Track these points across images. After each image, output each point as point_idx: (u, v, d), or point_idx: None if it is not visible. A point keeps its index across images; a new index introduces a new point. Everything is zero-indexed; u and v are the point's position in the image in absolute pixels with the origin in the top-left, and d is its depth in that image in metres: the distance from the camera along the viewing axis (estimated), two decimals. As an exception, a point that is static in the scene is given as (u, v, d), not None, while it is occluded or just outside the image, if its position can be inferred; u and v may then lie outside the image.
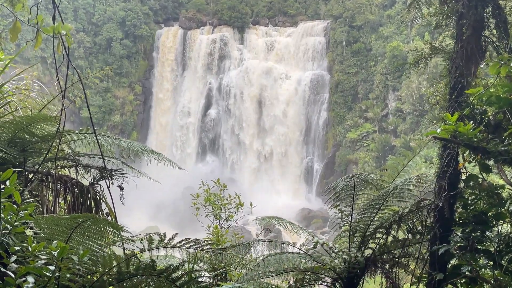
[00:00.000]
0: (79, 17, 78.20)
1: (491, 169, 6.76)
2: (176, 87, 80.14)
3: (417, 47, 7.51)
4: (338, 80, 71.90)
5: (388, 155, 63.44)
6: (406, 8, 29.66)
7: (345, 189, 7.24)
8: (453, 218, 7.26)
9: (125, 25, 78.86)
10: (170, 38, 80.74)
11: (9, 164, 6.74)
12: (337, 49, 73.13)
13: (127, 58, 78.90)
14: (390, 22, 69.44)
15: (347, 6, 72.64)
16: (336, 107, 72.29)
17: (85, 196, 8.48)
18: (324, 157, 72.73)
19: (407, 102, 63.02)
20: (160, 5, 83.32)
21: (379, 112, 67.42)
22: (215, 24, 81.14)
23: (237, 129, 76.81)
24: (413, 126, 62.57)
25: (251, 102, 76.00)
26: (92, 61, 78.02)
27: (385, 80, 67.23)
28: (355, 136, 68.67)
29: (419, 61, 7.77)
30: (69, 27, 6.22)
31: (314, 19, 79.85)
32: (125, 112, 78.14)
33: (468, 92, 6.79)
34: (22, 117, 6.94)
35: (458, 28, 7.32)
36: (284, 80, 75.21)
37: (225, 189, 12.99)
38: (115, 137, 8.12)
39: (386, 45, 66.89)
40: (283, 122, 74.96)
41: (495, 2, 7.46)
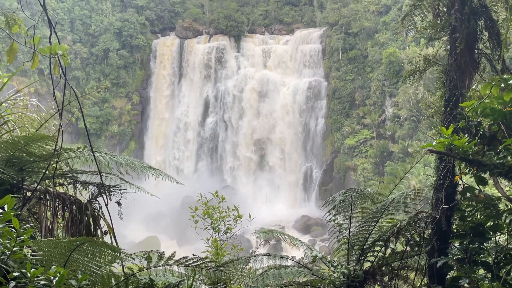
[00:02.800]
0: (75, 28, 78.41)
1: (487, 182, 6.80)
2: (174, 96, 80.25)
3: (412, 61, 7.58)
4: (335, 87, 72.10)
5: (386, 161, 63.54)
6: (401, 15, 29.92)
7: (342, 203, 7.27)
8: (450, 230, 7.29)
9: (122, 35, 79.07)
10: (167, 47, 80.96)
11: (7, 184, 6.75)
12: (333, 56, 73.40)
13: (124, 68, 79.03)
14: (386, 29, 69.77)
15: (343, 14, 73.00)
16: (333, 113, 72.44)
17: (84, 213, 8.48)
18: (322, 164, 72.77)
19: (404, 108, 63.19)
20: (157, 15, 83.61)
21: (377, 118, 67.56)
22: (212, 33, 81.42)
23: (235, 137, 76.86)
24: (411, 131, 62.69)
25: (248, 110, 76.12)
26: (89, 72, 78.13)
27: (382, 86, 67.45)
28: (353, 143, 68.75)
29: (414, 74, 7.84)
30: (65, 47, 6.27)
31: (310, 26, 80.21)
32: (122, 122, 78.14)
33: (462, 105, 6.85)
34: (20, 137, 6.96)
35: (451, 41, 7.40)
36: (281, 88, 75.40)
37: (223, 200, 12.96)
38: (113, 154, 8.14)
39: (382, 51, 67.18)
40: (281, 130, 75.05)
41: (488, 15, 7.54)
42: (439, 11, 7.93)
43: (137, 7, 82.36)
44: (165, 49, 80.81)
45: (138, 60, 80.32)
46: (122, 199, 9.18)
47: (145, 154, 79.95)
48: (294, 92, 74.56)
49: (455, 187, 7.29)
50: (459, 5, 7.30)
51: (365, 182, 64.27)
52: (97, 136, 76.24)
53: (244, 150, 76.15)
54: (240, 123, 76.38)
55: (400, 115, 64.52)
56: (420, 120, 59.65)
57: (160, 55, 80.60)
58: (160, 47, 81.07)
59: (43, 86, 63.73)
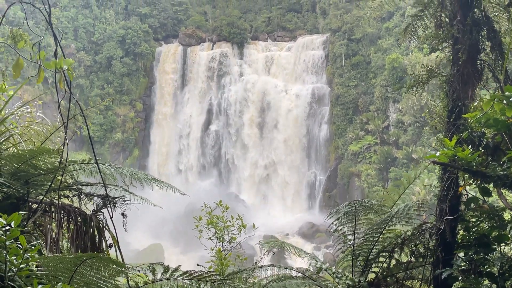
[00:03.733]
0: (79, 36, 78.87)
1: (491, 193, 6.80)
2: (177, 103, 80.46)
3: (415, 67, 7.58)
4: (338, 93, 72.13)
5: (390, 167, 63.40)
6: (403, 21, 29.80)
7: (347, 214, 7.28)
8: (455, 241, 7.28)
9: (125, 43, 79.48)
10: (170, 55, 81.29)
11: (13, 198, 6.80)
12: (336, 62, 73.49)
13: (127, 76, 79.38)
14: (389, 35, 69.85)
15: (345, 20, 73.14)
16: (337, 120, 72.42)
17: (88, 225, 8.51)
18: (326, 170, 72.68)
19: (408, 113, 63.12)
20: (160, 22, 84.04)
21: (380, 124, 67.50)
22: (215, 40, 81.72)
23: (238, 144, 76.90)
24: (415, 137, 62.59)
25: (251, 116, 76.21)
26: (92, 80, 78.51)
27: (385, 92, 67.42)
28: (356, 149, 68.67)
29: (417, 84, 7.87)
30: (70, 62, 6.33)
31: (313, 33, 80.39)
32: (126, 129, 78.37)
33: (466, 116, 6.86)
34: (25, 150, 7.02)
35: (454, 52, 7.42)
36: (284, 94, 75.49)
37: (227, 210, 12.97)
38: (117, 166, 8.19)
39: (385, 57, 67.21)
40: (284, 136, 75.06)
41: (490, 25, 7.57)
42: (441, 22, 7.97)
43: (140, 15, 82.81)
44: (168, 57, 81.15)
45: (141, 68, 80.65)
46: (126, 209, 9.22)
47: (149, 161, 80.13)
48: (297, 99, 74.63)
49: (459, 198, 7.29)
50: (461, 16, 7.33)
51: (369, 188, 64.13)
52: (101, 144, 76.46)
53: (247, 157, 76.16)
54: (243, 130, 76.46)
55: (403, 120, 64.45)
56: (424, 125, 59.56)
57: (163, 63, 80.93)
58: (163, 55, 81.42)
59: (47, 94, 64.04)
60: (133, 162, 78.55)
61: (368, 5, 44.12)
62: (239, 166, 76.65)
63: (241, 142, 76.63)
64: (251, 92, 76.37)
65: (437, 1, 7.93)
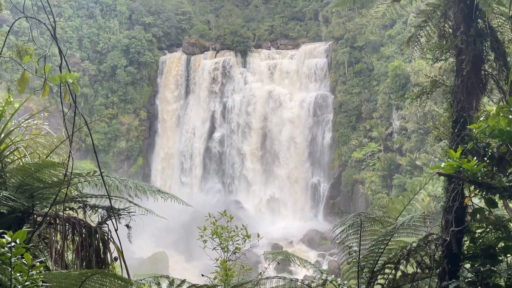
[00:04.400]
0: (83, 46, 79.35)
1: (497, 204, 6.76)
2: (181, 111, 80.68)
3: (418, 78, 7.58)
4: (342, 100, 72.16)
5: (394, 174, 63.24)
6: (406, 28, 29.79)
7: (352, 226, 7.26)
8: (461, 253, 7.24)
9: (129, 52, 79.89)
10: (174, 63, 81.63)
11: (18, 211, 6.82)
12: (339, 69, 73.58)
13: (131, 85, 79.73)
14: (391, 42, 69.92)
15: (348, 28, 73.31)
16: (340, 127, 72.37)
17: (93, 237, 8.52)
18: (330, 177, 72.54)
19: (411, 120, 63.03)
20: (163, 32, 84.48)
21: (384, 131, 67.41)
22: (218, 48, 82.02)
23: (242, 152, 76.91)
24: (418, 144, 62.44)
25: (255, 124, 76.29)
26: (97, 89, 78.88)
27: (389, 99, 67.38)
28: (360, 156, 68.53)
29: (421, 95, 7.86)
30: (75, 76, 6.36)
31: (316, 41, 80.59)
32: (130, 138, 78.58)
33: (471, 127, 6.84)
34: (31, 164, 7.04)
35: (458, 63, 7.42)
36: (287, 102, 75.58)
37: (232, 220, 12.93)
38: (122, 178, 8.21)
39: (388, 64, 67.24)
40: (288, 144, 75.04)
41: (494, 36, 7.57)
42: (444, 33, 7.97)
43: (144, 24, 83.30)
44: (172, 65, 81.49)
45: (145, 77, 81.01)
46: (131, 219, 9.22)
47: (153, 169, 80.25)
48: (300, 106, 74.69)
49: (465, 209, 7.25)
50: (465, 27, 7.34)
51: (374, 195, 63.94)
52: (105, 152, 76.65)
53: (251, 164, 76.15)
54: (246, 138, 76.51)
55: (407, 127, 64.35)
56: (428, 132, 59.43)
57: (167, 71, 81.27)
58: (167, 64, 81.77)
59: (51, 103, 64.35)
60: (137, 170, 78.68)
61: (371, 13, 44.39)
62: (242, 174, 76.61)
63: (244, 149, 76.64)
64: (254, 100, 76.50)
65: (440, 12, 7.94)
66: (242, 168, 76.74)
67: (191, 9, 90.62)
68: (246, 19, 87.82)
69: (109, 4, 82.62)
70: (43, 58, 6.05)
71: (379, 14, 9.55)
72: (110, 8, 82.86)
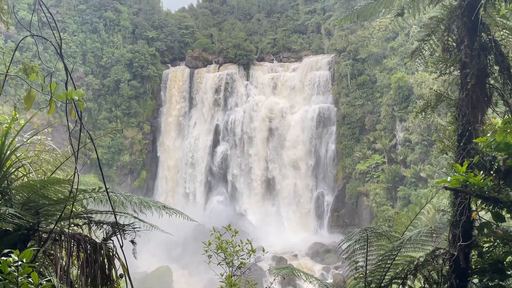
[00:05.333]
0: (87, 60, 79.90)
1: (505, 218, 6.71)
2: (184, 125, 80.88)
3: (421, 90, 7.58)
4: (345, 112, 72.22)
5: (399, 186, 62.97)
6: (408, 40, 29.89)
7: (358, 241, 7.22)
8: (469, 267, 7.17)
9: (133, 66, 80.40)
10: (177, 77, 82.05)
11: (24, 229, 6.80)
12: (342, 82, 73.74)
13: (135, 99, 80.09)
14: (394, 54, 70.12)
15: (350, 40, 73.63)
16: (344, 139, 72.33)
17: (98, 253, 8.48)
18: (334, 190, 72.32)
19: (415, 132, 62.92)
20: (167, 46, 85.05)
21: (388, 143, 67.29)
22: (221, 62, 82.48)
23: (245, 165, 76.87)
24: (423, 156, 62.26)
25: (258, 137, 76.34)
26: (100, 103, 79.24)
27: (392, 111, 67.37)
28: (364, 168, 68.36)
29: (426, 109, 7.85)
30: (81, 93, 6.39)
31: (318, 53, 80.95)
32: (134, 151, 78.73)
33: (476, 140, 6.82)
34: (36, 181, 7.05)
35: (462, 76, 7.42)
36: (291, 115, 75.71)
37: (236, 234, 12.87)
38: (127, 194, 8.20)
39: (391, 76, 67.36)
40: (291, 156, 74.98)
41: (498, 49, 7.57)
42: (448, 46, 7.99)
43: (147, 39, 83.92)
44: (175, 79, 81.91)
45: (149, 90, 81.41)
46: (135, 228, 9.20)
47: (157, 183, 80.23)
48: (304, 119, 74.78)
49: (472, 223, 7.20)
50: (469, 41, 7.35)
51: (378, 208, 63.64)
52: (109, 166, 76.74)
53: (255, 177, 76.05)
54: (250, 151, 76.52)
55: (411, 139, 64.22)
56: (432, 144, 59.27)
57: (170, 85, 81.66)
58: (170, 77, 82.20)
59: (56, 118, 64.63)
60: (141, 184, 78.69)
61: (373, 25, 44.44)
62: (246, 186, 76.49)
63: (248, 162, 76.60)
64: (257, 112, 76.66)
65: (443, 25, 7.97)
66: (245, 180, 76.64)
67: (194, 23, 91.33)
68: (248, 32, 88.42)
69: (112, 19, 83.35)
70: (49, 75, 6.08)
71: (382, 28, 9.59)
72: (114, 23, 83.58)
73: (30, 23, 6.35)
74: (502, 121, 5.84)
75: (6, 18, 13.63)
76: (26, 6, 75.52)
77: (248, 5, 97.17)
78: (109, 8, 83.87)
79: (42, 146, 10.03)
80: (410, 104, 63.45)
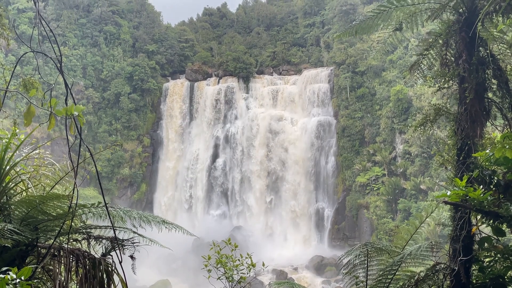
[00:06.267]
0: (87, 74, 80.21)
1: (505, 233, 6.69)
2: (184, 137, 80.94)
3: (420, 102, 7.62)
4: (344, 124, 72.34)
5: (399, 198, 62.85)
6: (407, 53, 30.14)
7: (359, 256, 7.18)
8: (470, 282, 7.13)
9: (133, 79, 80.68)
10: (177, 90, 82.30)
11: (22, 245, 6.77)
12: (341, 94, 73.98)
13: (135, 112, 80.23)
14: (393, 67, 70.44)
15: (349, 53, 74.01)
16: (343, 151, 72.33)
17: (97, 269, 8.43)
18: (334, 202, 72.13)
19: (415, 144, 62.96)
20: (167, 59, 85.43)
21: (387, 155, 67.28)
22: (221, 75, 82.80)
23: (245, 177, 76.77)
24: (422, 168, 62.22)
25: (258, 150, 76.34)
26: (100, 116, 79.36)
27: (391, 123, 67.49)
28: (364, 180, 68.27)
29: (425, 123, 7.87)
30: (81, 108, 6.40)
31: (318, 66, 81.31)
32: (134, 164, 78.64)
33: (476, 155, 6.82)
34: (35, 196, 7.03)
35: (460, 91, 7.45)
36: (290, 127, 75.81)
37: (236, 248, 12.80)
38: (126, 209, 8.17)
39: (390, 89, 67.60)
40: (291, 169, 74.91)
41: (496, 64, 7.61)
42: (446, 61, 8.03)
43: (147, 52, 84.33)
44: (175, 92, 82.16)
45: (149, 103, 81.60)
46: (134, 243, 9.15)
47: (156, 196, 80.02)
48: (303, 131, 74.86)
49: (473, 237, 7.17)
50: (467, 55, 7.39)
51: (378, 220, 63.44)
52: (109, 179, 76.57)
53: (255, 190, 75.90)
54: (250, 163, 76.46)
55: (410, 151, 64.24)
56: (432, 156, 59.26)
57: (170, 98, 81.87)
58: (170, 90, 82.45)
59: (55, 131, 64.68)
60: (140, 197, 78.49)
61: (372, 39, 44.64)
62: (246, 200, 76.29)
63: (247, 174, 76.51)
64: (257, 125, 76.77)
65: (442, 40, 8.01)
66: (245, 193, 76.46)
67: (194, 37, 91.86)
68: (248, 45, 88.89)
69: (113, 32, 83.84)
70: (49, 91, 6.10)
71: (381, 41, 9.64)
72: (114, 37, 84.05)
73: (30, 38, 6.39)
74: (500, 135, 5.84)
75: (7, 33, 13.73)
76: (26, 20, 76.05)
77: (247, 18, 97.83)
78: (110, 22, 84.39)
79: (41, 161, 10.02)
80: (410, 117, 63.59)
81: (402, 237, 8.23)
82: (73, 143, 6.63)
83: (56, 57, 6.32)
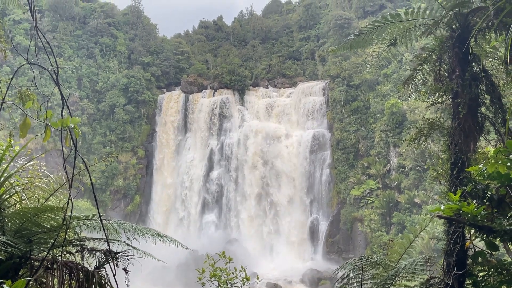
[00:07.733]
0: (83, 85, 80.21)
1: (498, 247, 6.71)
2: (179, 149, 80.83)
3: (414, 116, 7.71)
4: (339, 137, 72.56)
5: (393, 211, 62.89)
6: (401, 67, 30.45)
7: (353, 270, 7.18)
8: (464, 297, 7.14)
9: (128, 91, 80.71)
10: (172, 102, 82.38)
11: (16, 257, 6.73)
12: (336, 107, 74.32)
13: (130, 123, 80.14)
14: (387, 81, 70.94)
15: (344, 67, 74.53)
16: (338, 164, 72.45)
17: (90, 281, 8.38)
18: (328, 215, 72.05)
19: (409, 158, 63.19)
20: (162, 71, 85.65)
21: (382, 169, 67.45)
22: (216, 87, 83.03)
23: (239, 190, 76.62)
24: (417, 181, 62.38)
25: (253, 162, 76.30)
26: (95, 127, 79.20)
27: (386, 136, 67.77)
28: (359, 193, 68.32)
29: (419, 138, 7.93)
30: (76, 120, 6.42)
31: (312, 79, 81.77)
32: (128, 176, 78.34)
33: (469, 169, 6.87)
34: (29, 208, 7.00)
35: (454, 106, 7.53)
36: (285, 140, 75.93)
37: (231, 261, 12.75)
38: (121, 222, 8.15)
39: (384, 102, 68.00)
40: (285, 182, 74.87)
41: (489, 79, 7.71)
42: (440, 76, 8.13)
43: (143, 64, 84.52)
44: (170, 104, 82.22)
45: (143, 115, 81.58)
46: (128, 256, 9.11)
47: (151, 208, 79.61)
48: (298, 144, 74.98)
49: (466, 252, 7.20)
50: (460, 71, 7.49)
51: (373, 234, 63.38)
52: (102, 191, 76.19)
53: (249, 202, 75.71)
54: (245, 176, 76.37)
55: (405, 165, 64.44)
56: (426, 170, 59.45)
57: (165, 110, 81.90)
58: (165, 102, 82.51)
59: (49, 142, 64.44)
60: (134, 208, 78.09)
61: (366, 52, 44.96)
62: (240, 212, 76.06)
63: (242, 187, 76.38)
64: (252, 138, 76.84)
65: (435, 55, 8.12)
66: (239, 205, 76.25)
67: (190, 49, 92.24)
68: (243, 58, 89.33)
69: (108, 44, 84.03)
70: (45, 104, 6.11)
71: (375, 57, 9.75)
72: (110, 48, 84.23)
73: (28, 51, 6.43)
74: (493, 150, 5.90)
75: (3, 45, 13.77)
76: (22, 31, 76.15)
77: (243, 31, 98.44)
78: (105, 34, 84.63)
79: (35, 172, 9.99)
80: (404, 130, 63.89)
81: (396, 251, 8.24)
82: (68, 155, 6.62)
83: (53, 69, 6.35)
